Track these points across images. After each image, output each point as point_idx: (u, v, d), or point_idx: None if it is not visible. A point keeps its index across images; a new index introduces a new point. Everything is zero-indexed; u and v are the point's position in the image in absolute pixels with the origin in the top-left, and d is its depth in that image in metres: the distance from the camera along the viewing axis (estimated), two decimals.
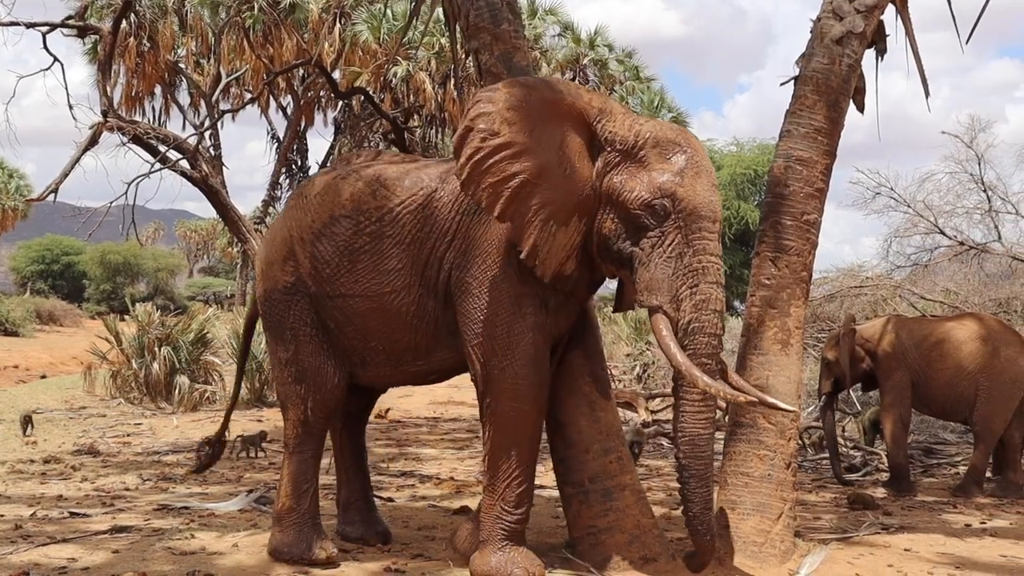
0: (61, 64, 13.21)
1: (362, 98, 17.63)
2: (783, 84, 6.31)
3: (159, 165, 14.32)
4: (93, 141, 13.63)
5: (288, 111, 19.51)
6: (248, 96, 19.05)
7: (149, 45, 17.70)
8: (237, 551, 6.06)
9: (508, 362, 5.31)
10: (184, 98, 19.41)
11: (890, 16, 6.30)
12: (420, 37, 16.90)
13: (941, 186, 15.12)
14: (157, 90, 19.11)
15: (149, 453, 10.57)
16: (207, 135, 16.54)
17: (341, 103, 19.04)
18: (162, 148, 14.42)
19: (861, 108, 6.31)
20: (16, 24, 12.30)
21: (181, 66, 18.73)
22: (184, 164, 15.15)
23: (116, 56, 15.66)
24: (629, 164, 5.19)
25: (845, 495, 8.38)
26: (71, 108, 13.33)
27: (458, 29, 6.33)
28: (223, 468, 9.55)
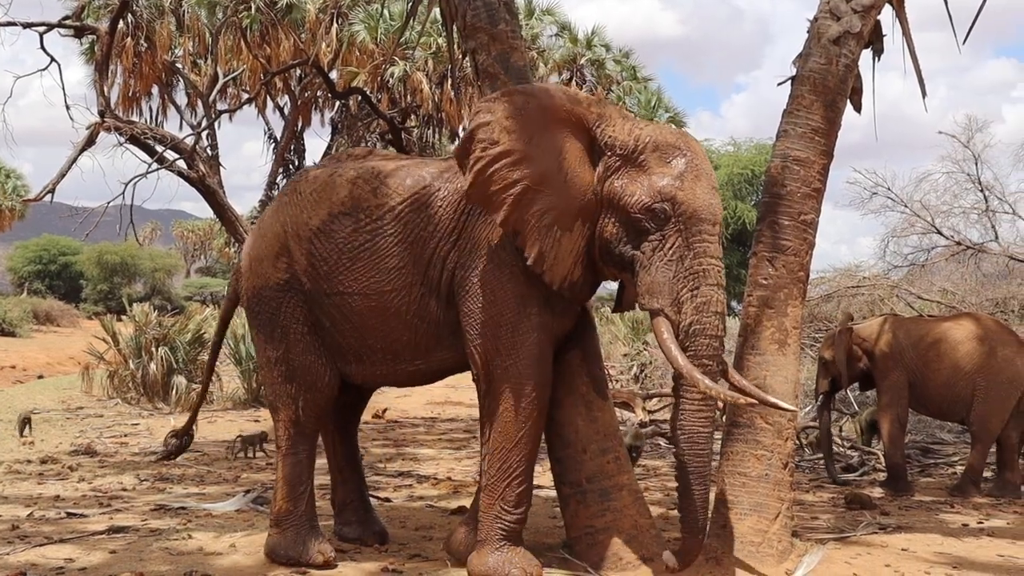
0: (58, 64, 13.23)
1: (359, 98, 17.61)
2: (780, 84, 6.31)
3: (156, 165, 14.32)
4: (90, 141, 13.63)
5: (285, 111, 19.49)
6: (245, 96, 19.02)
7: (146, 45, 17.68)
8: (234, 551, 6.06)
9: (512, 361, 5.32)
10: (181, 98, 19.41)
11: (887, 16, 6.33)
12: (417, 37, 16.90)
13: (938, 186, 15.16)
14: (154, 90, 19.08)
15: (146, 453, 10.56)
16: (204, 135, 16.50)
17: (338, 103, 19.01)
18: (159, 148, 14.43)
19: (858, 108, 6.31)
20: (13, 24, 12.31)
21: (178, 66, 18.71)
22: (181, 164, 15.14)
23: (113, 56, 15.64)
24: (629, 168, 5.23)
25: (842, 495, 8.38)
26: (68, 108, 13.36)
27: (455, 29, 6.32)
28: (221, 468, 9.55)
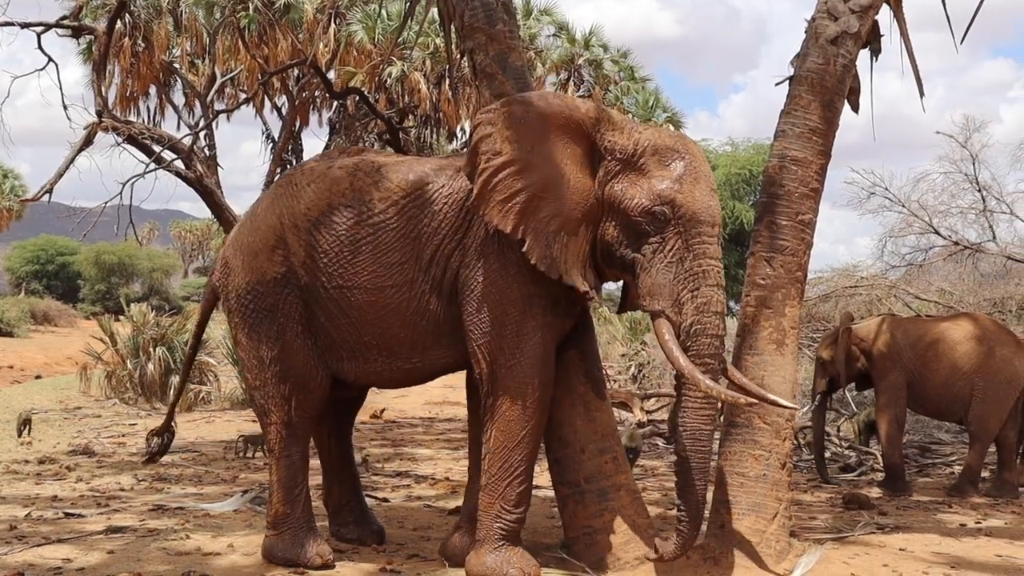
0: (56, 64, 13.22)
1: (357, 98, 17.55)
2: (778, 84, 6.31)
3: (154, 165, 14.32)
4: (88, 141, 13.63)
5: (283, 111, 19.41)
6: (243, 96, 18.95)
7: (144, 45, 17.61)
8: (232, 552, 6.06)
9: (516, 361, 5.34)
10: (179, 98, 19.32)
11: (884, 16, 6.30)
12: (415, 37, 16.86)
13: (936, 186, 15.18)
14: (152, 90, 18.99)
15: (144, 453, 10.54)
16: (202, 135, 16.47)
17: (336, 103, 18.94)
18: (157, 148, 14.42)
19: (856, 108, 6.31)
20: (11, 24, 12.30)
21: (176, 66, 18.64)
22: (179, 164, 15.13)
23: (111, 56, 15.61)
24: (629, 172, 5.31)
25: (840, 495, 8.38)
26: (66, 108, 13.36)
27: (453, 29, 6.32)
28: (219, 468, 9.54)
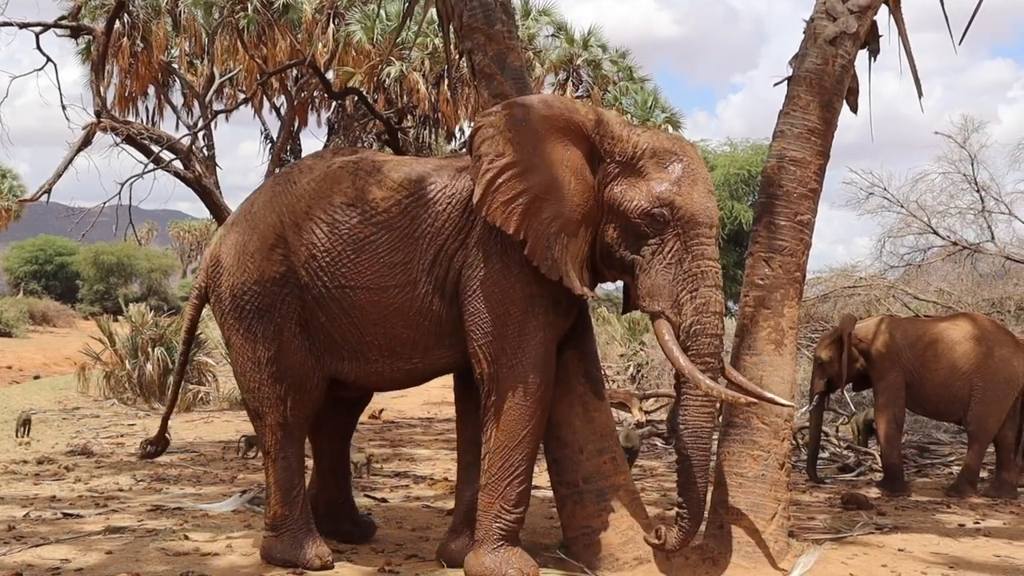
0: (54, 64, 13.23)
1: (356, 98, 17.55)
2: (776, 84, 6.32)
3: (152, 165, 14.31)
4: (86, 141, 13.62)
5: (282, 111, 19.40)
6: (242, 96, 18.94)
7: (142, 45, 17.60)
8: (231, 552, 6.05)
9: (517, 361, 5.35)
10: (177, 98, 19.30)
11: (883, 16, 6.31)
12: (414, 38, 16.86)
13: (934, 186, 15.21)
14: (150, 90, 18.97)
15: (138, 454, 10.54)
16: (200, 135, 16.48)
17: (335, 103, 18.94)
18: (155, 148, 14.41)
19: (854, 108, 6.32)
20: (9, 24, 12.30)
21: (174, 66, 18.64)
22: (177, 164, 15.12)
23: (109, 56, 15.61)
24: (628, 174, 5.37)
25: (839, 495, 8.39)
26: (64, 108, 13.36)
27: (452, 30, 6.31)
28: (217, 469, 9.54)
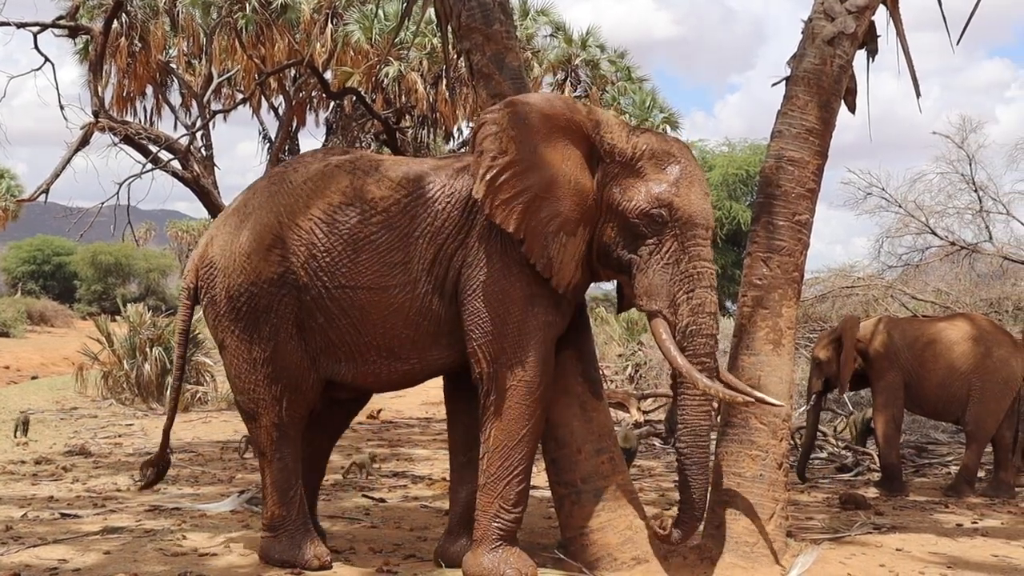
0: (52, 64, 13.23)
1: (354, 98, 17.57)
2: (774, 85, 6.32)
3: (150, 165, 14.32)
4: (84, 141, 13.63)
5: (280, 111, 19.40)
6: (240, 96, 18.94)
7: (140, 45, 17.60)
8: (229, 552, 6.05)
9: (517, 360, 5.35)
10: (175, 98, 19.30)
11: (881, 17, 6.31)
12: (412, 38, 16.86)
13: (932, 186, 15.19)
14: (148, 90, 18.97)
15: (141, 454, 10.53)
16: (198, 135, 16.48)
17: (333, 103, 18.96)
18: (153, 148, 14.43)
19: (852, 109, 6.32)
20: (6, 24, 12.30)
21: (172, 66, 18.64)
22: (176, 164, 15.14)
23: (107, 56, 15.62)
24: (627, 175, 5.41)
25: (837, 495, 8.39)
26: (62, 108, 13.37)
27: (450, 30, 6.31)
28: (215, 469, 9.54)
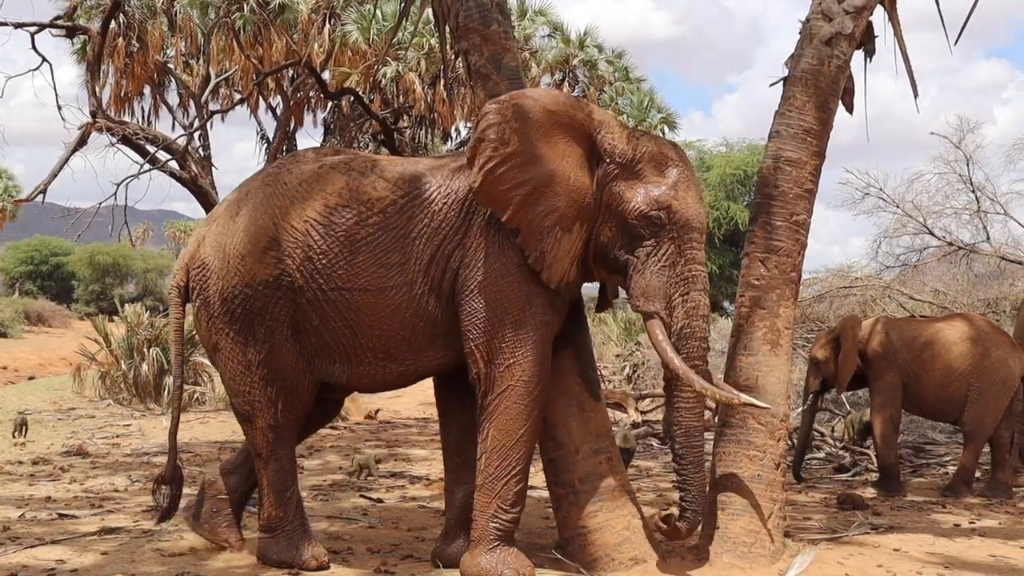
0: (50, 64, 13.20)
1: (352, 99, 17.57)
2: (772, 85, 6.32)
3: (148, 166, 14.30)
4: (82, 142, 13.61)
5: (277, 112, 19.40)
6: (237, 97, 18.94)
7: (138, 45, 17.58)
8: (227, 552, 6.04)
9: (515, 360, 5.36)
10: (173, 99, 19.27)
11: (879, 17, 6.31)
12: (410, 38, 16.85)
13: (930, 187, 15.25)
14: (146, 91, 18.94)
15: (138, 454, 10.55)
16: (196, 136, 16.47)
17: (331, 104, 18.95)
18: (151, 149, 14.41)
19: (850, 109, 6.32)
20: (4, 24, 12.27)
21: (170, 67, 18.63)
22: (173, 165, 15.12)
23: (105, 56, 15.59)
24: (627, 176, 5.44)
25: (835, 495, 8.39)
26: (60, 108, 13.34)
27: (447, 30, 6.31)
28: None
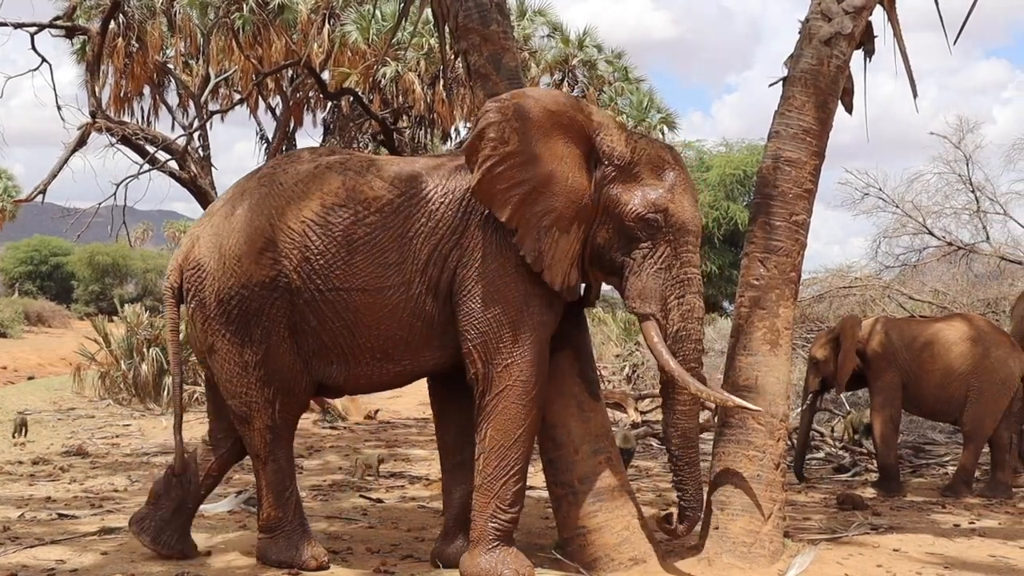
0: (49, 65, 13.22)
1: (351, 99, 17.59)
2: (772, 85, 6.32)
3: (148, 166, 14.32)
4: (81, 142, 13.63)
5: (277, 112, 19.41)
6: (237, 97, 18.96)
7: (137, 46, 17.58)
8: (226, 552, 6.04)
9: (513, 360, 5.36)
10: (173, 99, 19.29)
11: (878, 17, 6.32)
12: (409, 38, 16.87)
13: (929, 187, 15.25)
14: (146, 91, 18.95)
15: (138, 454, 10.54)
16: (196, 136, 16.49)
17: (330, 104, 18.97)
18: (151, 149, 14.43)
19: (849, 109, 6.32)
20: (4, 24, 12.28)
21: (170, 67, 18.64)
22: (173, 165, 15.14)
23: (104, 57, 15.60)
24: (624, 178, 5.46)
25: (835, 495, 8.40)
26: (59, 109, 13.37)
27: (447, 30, 6.31)
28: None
